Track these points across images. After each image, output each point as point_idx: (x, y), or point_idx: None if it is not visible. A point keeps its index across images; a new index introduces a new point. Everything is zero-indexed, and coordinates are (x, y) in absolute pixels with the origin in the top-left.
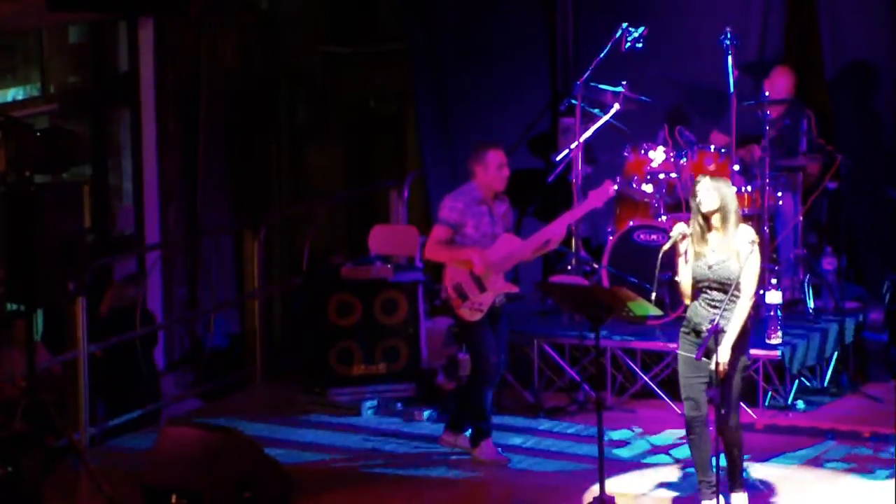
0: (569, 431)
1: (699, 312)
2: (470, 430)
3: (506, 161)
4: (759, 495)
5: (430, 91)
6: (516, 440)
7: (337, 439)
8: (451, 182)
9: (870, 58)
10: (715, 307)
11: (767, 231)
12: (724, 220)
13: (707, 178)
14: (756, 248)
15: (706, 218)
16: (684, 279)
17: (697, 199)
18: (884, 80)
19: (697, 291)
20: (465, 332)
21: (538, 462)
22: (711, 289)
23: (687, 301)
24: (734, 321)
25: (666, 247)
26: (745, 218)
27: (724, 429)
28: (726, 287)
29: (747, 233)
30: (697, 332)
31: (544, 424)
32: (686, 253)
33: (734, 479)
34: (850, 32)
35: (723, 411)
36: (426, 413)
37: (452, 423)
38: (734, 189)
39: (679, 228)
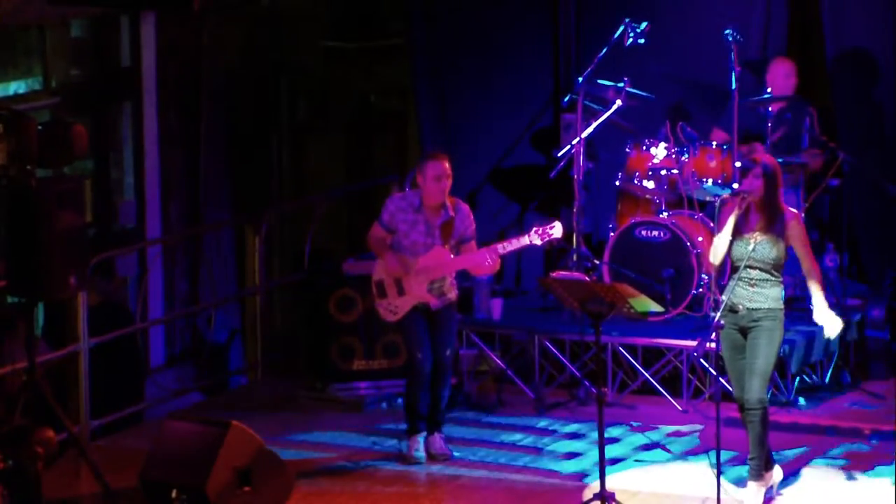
0: (569, 427)
1: (738, 292)
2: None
3: (446, 173)
4: None
5: (431, 86)
6: (517, 436)
7: (337, 435)
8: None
9: (872, 54)
10: (754, 286)
11: None
12: (770, 203)
13: (759, 162)
14: (799, 220)
15: (752, 201)
16: (722, 239)
17: (745, 183)
18: (886, 77)
19: (735, 270)
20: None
21: (538, 458)
22: (752, 268)
23: (714, 261)
24: (815, 288)
25: (725, 195)
26: None
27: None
28: (765, 267)
29: (790, 212)
30: (735, 311)
31: (545, 420)
32: (737, 216)
33: (766, 457)
34: (852, 29)
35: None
36: None
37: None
38: (780, 174)
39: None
